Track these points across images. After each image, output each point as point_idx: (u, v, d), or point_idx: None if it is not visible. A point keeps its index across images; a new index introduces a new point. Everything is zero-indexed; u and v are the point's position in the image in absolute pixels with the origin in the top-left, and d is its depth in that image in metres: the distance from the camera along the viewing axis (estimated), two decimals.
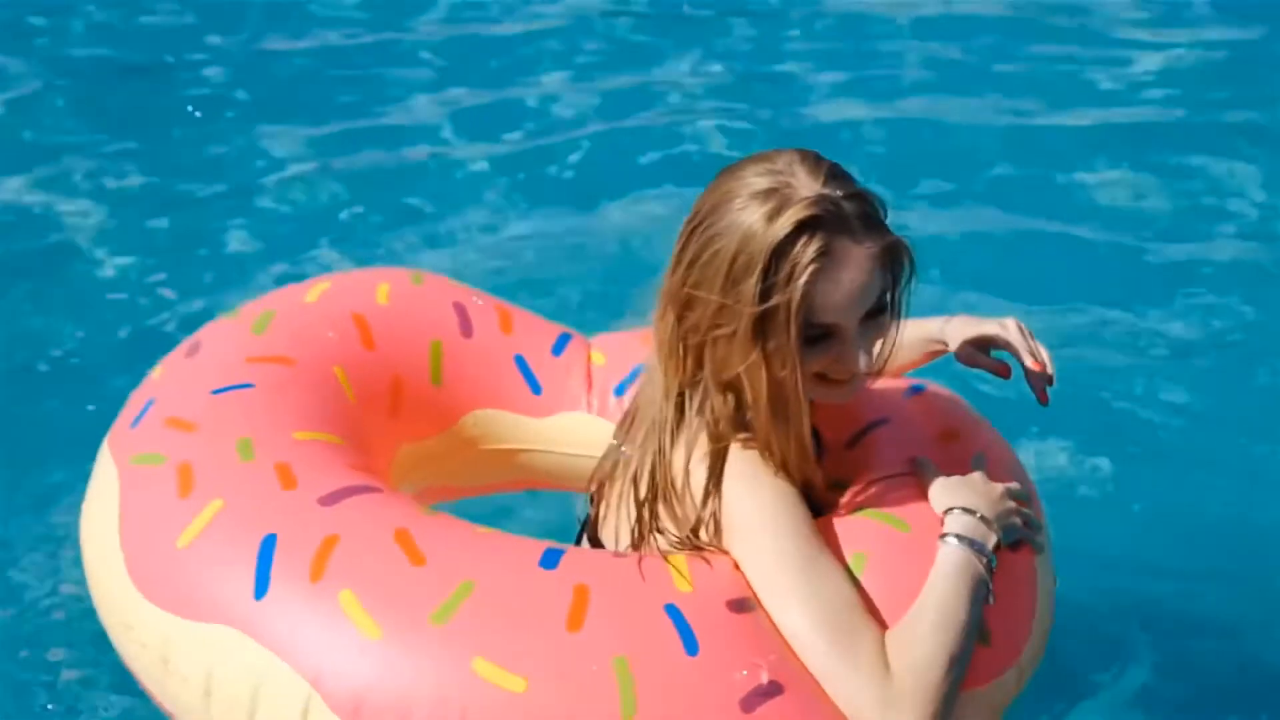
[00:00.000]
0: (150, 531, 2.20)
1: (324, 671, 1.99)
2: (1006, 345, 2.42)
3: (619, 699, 1.95)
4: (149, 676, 2.17)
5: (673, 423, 2.21)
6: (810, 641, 2.03)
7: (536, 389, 2.76)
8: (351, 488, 2.20)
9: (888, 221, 2.16)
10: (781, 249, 2.06)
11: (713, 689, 1.97)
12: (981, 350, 2.44)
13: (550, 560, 2.10)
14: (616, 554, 2.17)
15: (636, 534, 2.23)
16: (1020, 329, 2.44)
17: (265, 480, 2.21)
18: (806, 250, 2.06)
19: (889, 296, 2.17)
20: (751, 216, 2.09)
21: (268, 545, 2.09)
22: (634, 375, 2.76)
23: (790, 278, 2.06)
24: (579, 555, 2.14)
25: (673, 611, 2.03)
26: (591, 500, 2.45)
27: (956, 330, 2.46)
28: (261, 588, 2.06)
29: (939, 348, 2.52)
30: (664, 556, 2.15)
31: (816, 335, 2.11)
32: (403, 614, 2.01)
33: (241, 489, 2.20)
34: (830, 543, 2.13)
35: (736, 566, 2.11)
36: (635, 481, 2.24)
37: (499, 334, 2.77)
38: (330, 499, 2.17)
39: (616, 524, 2.31)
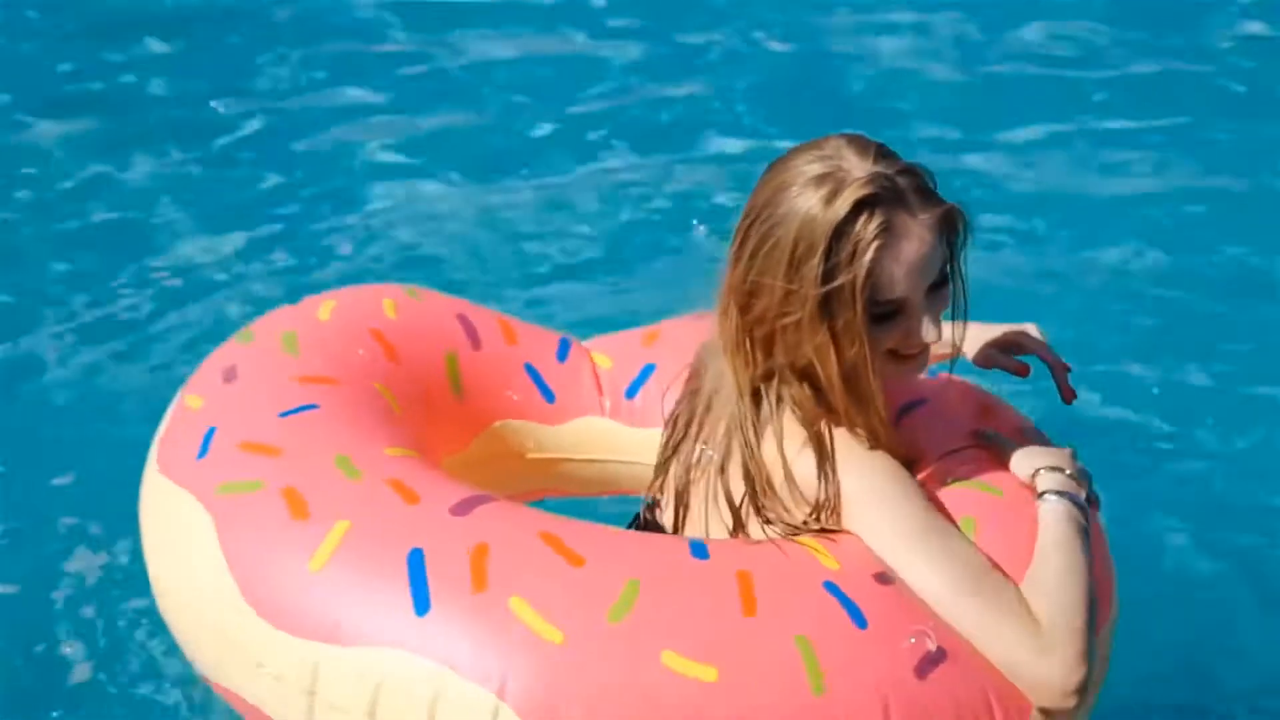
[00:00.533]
0: (270, 560, 2.09)
1: (509, 680, 1.94)
2: (1034, 347, 2.51)
3: (807, 677, 1.97)
4: (284, 712, 2.05)
5: (753, 417, 2.24)
6: (955, 603, 2.08)
7: (550, 396, 2.74)
8: (474, 497, 2.15)
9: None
10: (842, 229, 2.11)
11: (887, 659, 2.01)
12: (1004, 353, 2.53)
13: (699, 551, 2.10)
14: (753, 541, 2.18)
15: (732, 531, 2.25)
16: (1040, 332, 2.55)
17: (384, 496, 2.13)
18: (868, 228, 2.12)
19: (949, 268, 2.25)
20: (809, 201, 2.13)
21: (416, 560, 2.02)
22: (644, 376, 2.77)
23: (854, 256, 2.11)
24: (724, 545, 2.14)
25: (832, 588, 2.06)
26: (655, 504, 2.44)
27: (971, 334, 2.50)
28: (421, 604, 1.99)
29: (945, 350, 2.60)
30: (793, 540, 2.17)
31: (884, 313, 2.17)
32: (580, 616, 1.97)
33: (364, 507, 2.11)
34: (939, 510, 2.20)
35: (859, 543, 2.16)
36: (724, 479, 2.26)
37: (505, 344, 2.74)
38: (460, 509, 2.11)
39: (706, 524, 2.30)
